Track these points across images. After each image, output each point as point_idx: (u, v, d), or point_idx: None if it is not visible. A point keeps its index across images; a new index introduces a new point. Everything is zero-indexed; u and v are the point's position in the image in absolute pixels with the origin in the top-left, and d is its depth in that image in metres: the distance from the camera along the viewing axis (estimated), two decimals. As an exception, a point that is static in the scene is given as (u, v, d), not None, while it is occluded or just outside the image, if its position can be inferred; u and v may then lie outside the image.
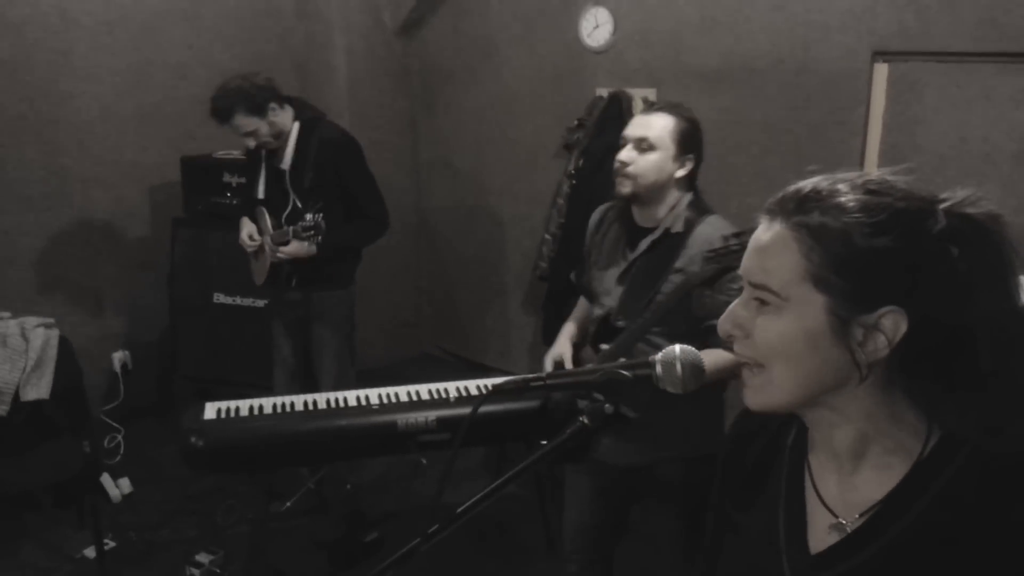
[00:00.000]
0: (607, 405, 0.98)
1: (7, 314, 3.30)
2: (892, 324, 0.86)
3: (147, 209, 4.27)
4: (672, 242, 2.08)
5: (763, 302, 0.90)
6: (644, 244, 2.13)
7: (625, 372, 0.98)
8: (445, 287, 5.07)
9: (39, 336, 3.19)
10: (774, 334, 0.89)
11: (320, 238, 2.88)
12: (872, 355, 0.87)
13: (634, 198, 2.12)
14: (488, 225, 4.66)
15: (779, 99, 3.35)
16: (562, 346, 2.32)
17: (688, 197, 2.13)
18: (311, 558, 3.01)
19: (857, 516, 0.92)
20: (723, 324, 0.94)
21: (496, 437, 2.79)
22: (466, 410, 2.62)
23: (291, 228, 2.94)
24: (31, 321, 3.25)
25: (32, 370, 3.11)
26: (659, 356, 0.99)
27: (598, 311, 2.23)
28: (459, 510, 1.05)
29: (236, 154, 4.10)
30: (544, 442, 2.45)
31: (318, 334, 3.23)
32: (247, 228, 3.21)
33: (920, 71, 3.00)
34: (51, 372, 3.15)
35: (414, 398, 2.76)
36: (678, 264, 2.06)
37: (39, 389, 3.12)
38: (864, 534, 0.91)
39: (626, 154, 2.09)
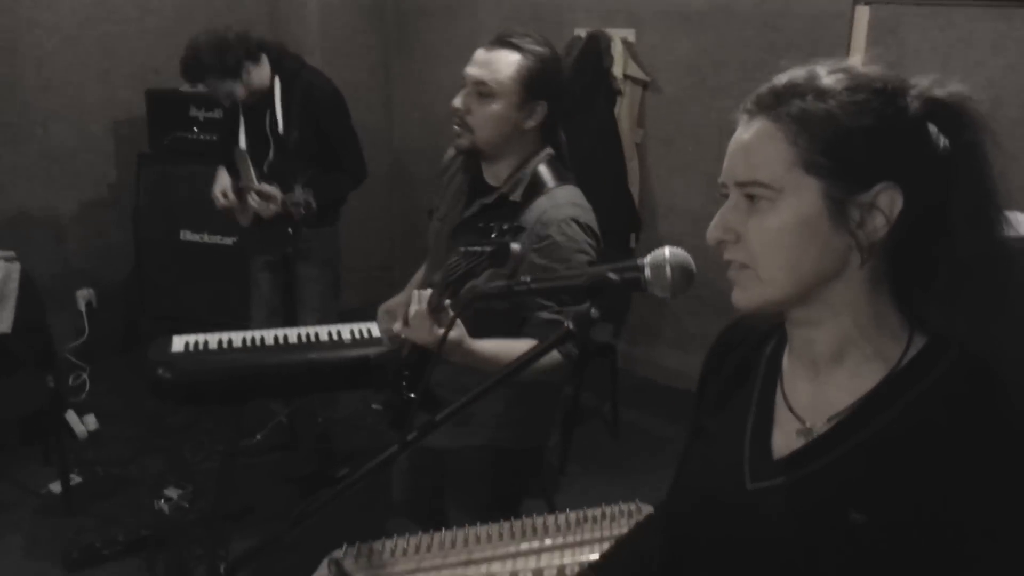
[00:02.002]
0: (593, 309, 0.95)
1: (-34, 247, 3.20)
2: (888, 200, 0.85)
3: (111, 144, 4.15)
4: (505, 212, 1.73)
5: (752, 200, 0.89)
6: (475, 207, 1.83)
7: (613, 275, 0.96)
8: (420, 230, 5.02)
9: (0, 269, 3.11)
10: (770, 229, 0.88)
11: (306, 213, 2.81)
12: (871, 235, 0.87)
13: (473, 152, 1.81)
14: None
15: (760, 41, 3.31)
16: (397, 297, 2.11)
17: (543, 155, 1.80)
18: (281, 493, 3.00)
19: (825, 421, 0.92)
20: (712, 232, 0.92)
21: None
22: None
23: (278, 198, 2.86)
24: (-10, 254, 3.16)
25: (-8, 304, 3.04)
26: (648, 259, 0.96)
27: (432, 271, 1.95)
28: (438, 417, 1.03)
29: (202, 89, 3.99)
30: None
31: (304, 272, 3.17)
32: (221, 183, 3.12)
33: (901, 15, 2.98)
34: (12, 306, 3.06)
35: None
36: (520, 245, 1.68)
37: (0, 323, 3.04)
38: (829, 439, 0.91)
39: (461, 100, 1.76)
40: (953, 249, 0.86)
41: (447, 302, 1.54)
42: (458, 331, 1.58)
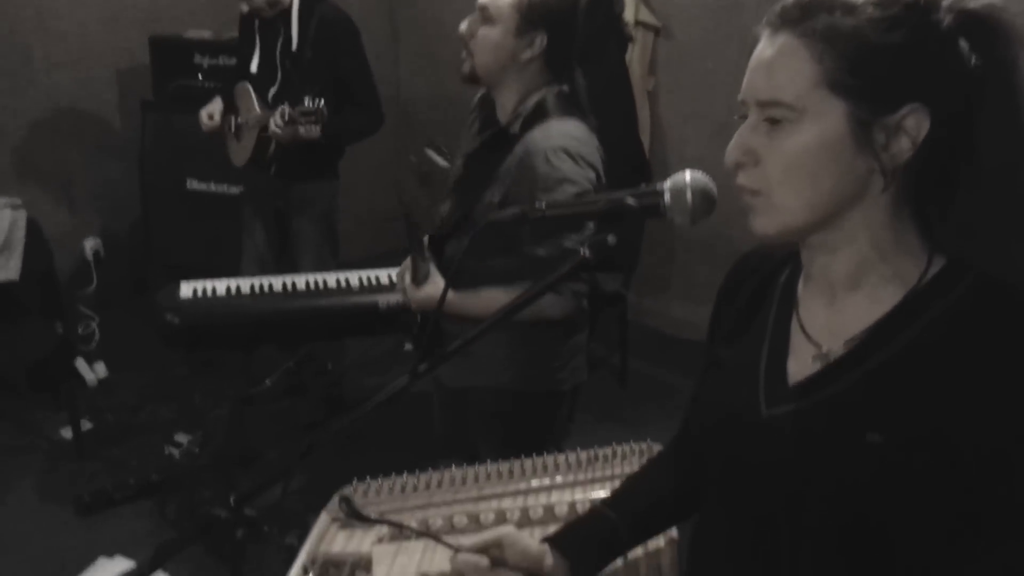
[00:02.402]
0: (610, 236, 0.92)
1: (-28, 193, 3.19)
2: (915, 123, 0.83)
3: (115, 92, 4.10)
4: (506, 145, 1.74)
5: (774, 121, 0.86)
6: (477, 142, 1.84)
7: (631, 200, 0.92)
8: (428, 183, 4.97)
9: (6, 217, 3.10)
10: (792, 151, 0.85)
11: (320, 125, 2.72)
12: (896, 159, 0.84)
13: (473, 79, 1.78)
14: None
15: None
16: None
17: (549, 91, 1.75)
18: (290, 440, 3.01)
19: (842, 345, 0.90)
20: (731, 153, 0.89)
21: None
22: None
23: (286, 110, 2.70)
24: (-3, 201, 3.15)
25: (0, 251, 3.03)
26: (668, 183, 0.93)
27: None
28: (449, 348, 1.01)
29: (207, 35, 3.93)
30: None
31: (298, 227, 3.13)
32: (211, 107, 3.07)
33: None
34: (20, 254, 3.07)
35: (395, 280, 2.72)
36: (497, 173, 1.74)
37: (8, 271, 3.05)
38: (846, 362, 0.89)
39: (467, 24, 1.74)
40: (978, 170, 0.83)
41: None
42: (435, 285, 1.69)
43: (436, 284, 1.77)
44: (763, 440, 0.93)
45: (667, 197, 0.92)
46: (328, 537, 1.30)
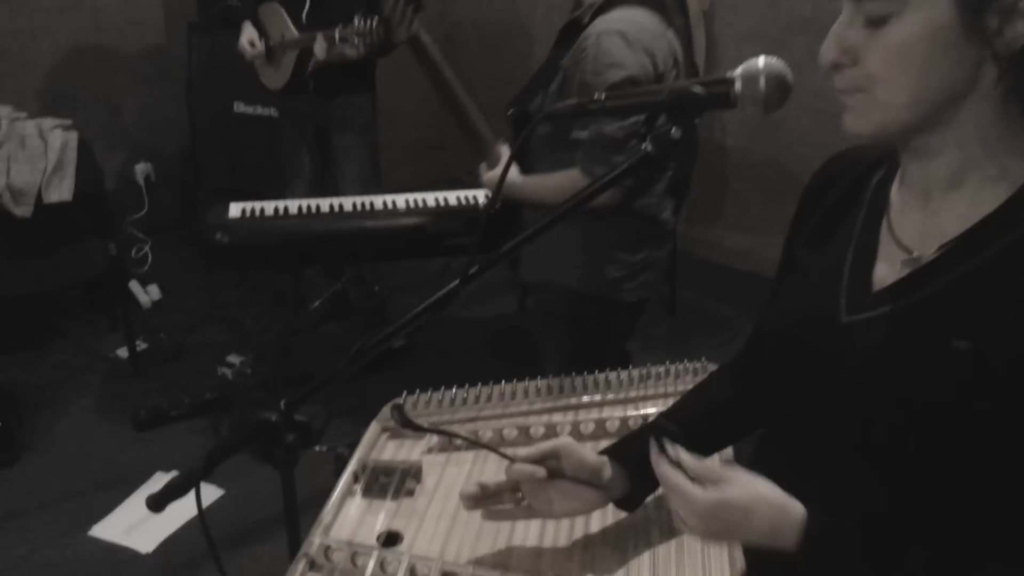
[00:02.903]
0: (674, 129, 0.86)
1: (23, 114, 3.21)
2: None
3: (161, 14, 4.07)
4: (576, 36, 1.76)
5: (871, 18, 0.79)
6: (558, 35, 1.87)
7: (698, 89, 0.86)
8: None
9: (57, 138, 3.11)
10: (894, 45, 0.78)
11: (370, 45, 2.64)
12: (1012, 44, 0.77)
13: None
14: (520, 42, 4.41)
15: None
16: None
17: None
18: (338, 361, 3.04)
19: (935, 249, 0.84)
20: (826, 52, 0.83)
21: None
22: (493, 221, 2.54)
23: (340, 31, 2.62)
24: (48, 123, 3.16)
25: (53, 172, 3.05)
26: (739, 70, 0.86)
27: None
28: (503, 249, 0.98)
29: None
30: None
31: (341, 143, 3.10)
32: (247, 33, 3.02)
33: None
34: (72, 174, 3.08)
35: (441, 203, 2.68)
36: (564, 61, 1.77)
37: (61, 191, 3.07)
38: (937, 266, 0.84)
39: None
40: None
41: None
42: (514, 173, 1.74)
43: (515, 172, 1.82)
44: (841, 347, 0.88)
45: (738, 85, 0.86)
46: (379, 446, 1.29)
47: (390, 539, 1.11)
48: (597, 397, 1.38)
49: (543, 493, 1.06)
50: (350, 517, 1.14)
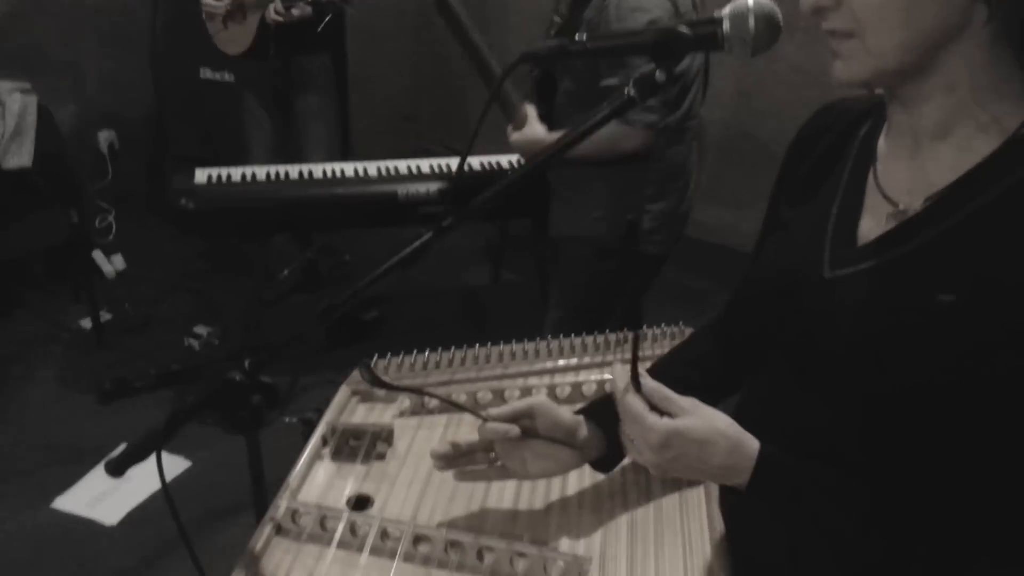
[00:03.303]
0: (658, 72, 0.83)
1: (-21, 78, 3.09)
2: None
3: (125, -23, 3.94)
4: None
5: None
6: None
7: (684, 29, 0.83)
8: (447, 77, 4.81)
9: (16, 101, 3.01)
10: None
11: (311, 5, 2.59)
12: None
13: None
14: (495, 10, 4.34)
15: None
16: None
17: None
18: (310, 332, 2.99)
19: (922, 202, 0.82)
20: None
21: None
22: (467, 184, 2.51)
23: None
24: (6, 86, 3.05)
25: (11, 137, 2.96)
26: (727, 9, 0.83)
27: None
28: (476, 200, 0.94)
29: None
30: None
31: (304, 104, 3.02)
32: None
33: None
34: (31, 140, 2.99)
35: (414, 171, 2.64)
36: (587, 14, 1.79)
37: (20, 157, 2.97)
38: (924, 219, 0.81)
39: None
40: None
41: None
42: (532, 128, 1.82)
43: (533, 127, 1.88)
44: (825, 303, 0.86)
45: (726, 25, 0.82)
46: (348, 409, 1.25)
47: (360, 503, 1.07)
48: (574, 361, 1.35)
49: (517, 453, 1.03)
50: (318, 481, 1.11)
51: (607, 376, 1.30)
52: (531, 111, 1.93)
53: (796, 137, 1.01)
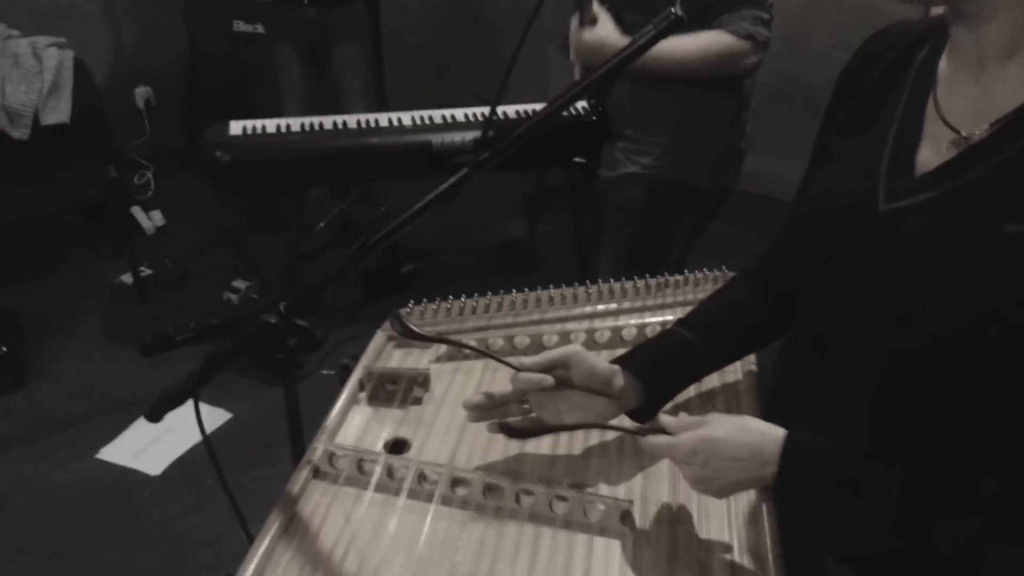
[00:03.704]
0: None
1: (16, 32, 3.10)
2: None
3: (156, -70, 3.90)
4: None
5: None
6: None
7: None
8: (480, 28, 4.73)
9: (52, 56, 3.01)
10: None
11: None
12: None
13: None
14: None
15: None
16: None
17: None
18: (347, 288, 2.99)
19: (986, 128, 0.76)
20: None
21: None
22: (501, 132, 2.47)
23: None
24: (43, 40, 3.06)
25: (49, 93, 2.96)
26: None
27: None
28: (515, 133, 0.90)
29: None
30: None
31: (343, 53, 3.00)
32: None
33: None
34: (69, 95, 2.99)
35: (449, 120, 2.59)
36: None
37: (58, 112, 2.98)
38: (989, 146, 0.76)
39: None
40: None
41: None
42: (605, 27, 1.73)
43: (606, 26, 1.77)
44: (879, 238, 0.81)
45: None
46: (384, 355, 1.24)
47: (397, 447, 1.06)
48: (613, 305, 1.32)
49: (551, 404, 1.00)
50: (355, 425, 1.10)
51: (648, 320, 1.26)
52: (604, 13, 1.81)
53: (847, 65, 0.95)
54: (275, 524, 0.92)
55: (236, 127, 2.49)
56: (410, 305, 1.31)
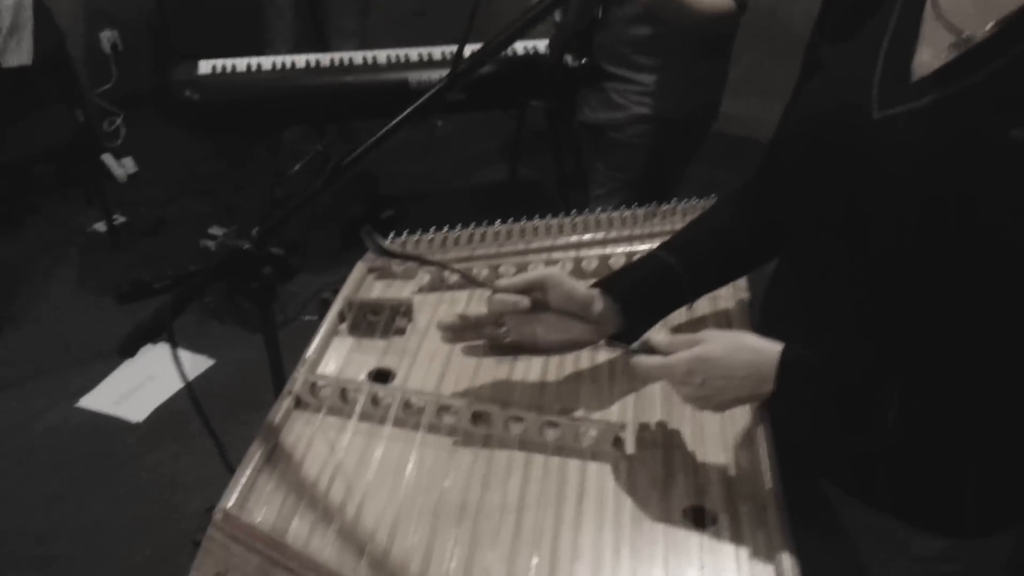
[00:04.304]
0: None
1: (-29, -29, 2.97)
2: None
3: None
4: None
5: None
6: None
7: None
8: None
9: (10, -4, 2.89)
10: None
11: None
12: None
13: None
14: None
15: None
16: None
17: None
18: (326, 235, 2.93)
19: (989, 27, 0.73)
20: None
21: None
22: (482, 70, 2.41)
23: None
24: (-2, -20, 2.93)
25: (8, 34, 2.84)
26: None
27: None
28: (501, 33, 0.86)
29: None
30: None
31: None
32: None
33: None
34: (29, 36, 2.88)
35: (425, 58, 2.52)
36: None
37: (20, 55, 2.87)
38: (992, 46, 0.73)
39: None
40: None
41: None
42: None
43: None
44: (874, 146, 0.78)
45: None
46: (365, 286, 1.20)
47: (380, 377, 1.03)
48: (600, 235, 1.28)
49: (528, 327, 0.98)
50: (337, 356, 1.07)
51: (636, 248, 1.23)
52: None
53: None
54: (257, 454, 0.90)
55: (206, 66, 2.41)
56: (391, 235, 1.28)
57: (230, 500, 0.83)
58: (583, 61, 2.05)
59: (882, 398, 0.77)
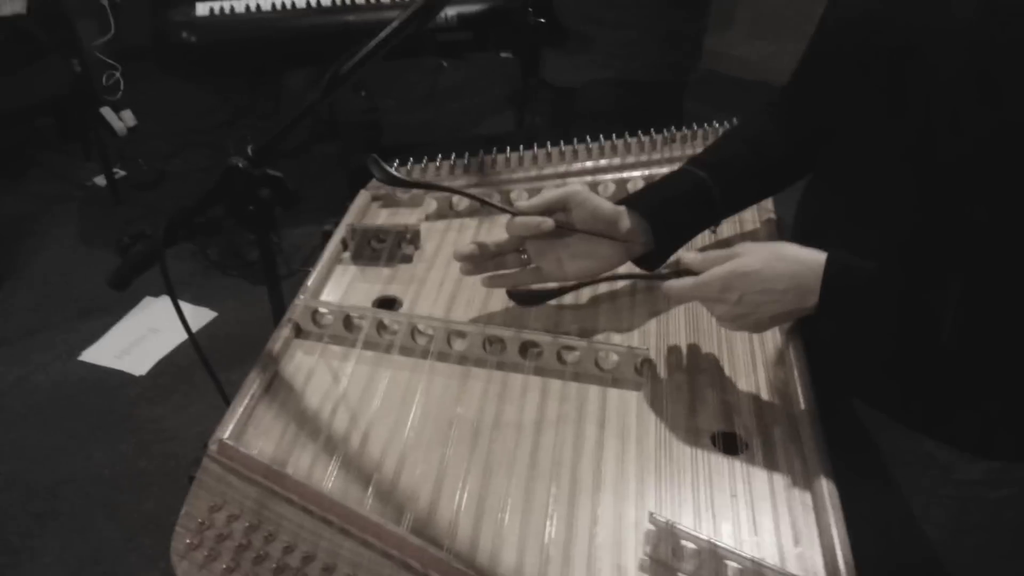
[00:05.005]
0: None
1: (-41, -84, 2.87)
2: None
3: None
4: None
5: None
6: None
7: None
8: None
9: (0, -58, 2.80)
10: None
11: None
12: None
13: None
14: None
15: None
16: None
17: None
18: (332, 182, 2.86)
19: None
20: None
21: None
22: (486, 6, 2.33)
23: None
24: (-11, -75, 2.84)
25: (2, -18, 2.76)
26: None
27: None
28: None
29: None
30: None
31: None
32: None
33: None
34: (23, -16, 2.79)
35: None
36: None
37: (13, 3, 2.79)
38: None
39: None
40: None
41: None
42: None
43: None
44: (923, 32, 0.70)
45: None
46: (370, 214, 1.14)
47: (386, 304, 0.97)
48: (616, 160, 1.21)
49: (551, 252, 0.90)
50: (339, 284, 1.00)
51: (654, 172, 1.16)
52: None
53: None
54: (255, 384, 0.84)
55: (203, 7, 2.32)
56: (395, 164, 1.20)
57: (226, 431, 0.78)
58: (541, 20, 1.96)
59: (938, 305, 0.70)
